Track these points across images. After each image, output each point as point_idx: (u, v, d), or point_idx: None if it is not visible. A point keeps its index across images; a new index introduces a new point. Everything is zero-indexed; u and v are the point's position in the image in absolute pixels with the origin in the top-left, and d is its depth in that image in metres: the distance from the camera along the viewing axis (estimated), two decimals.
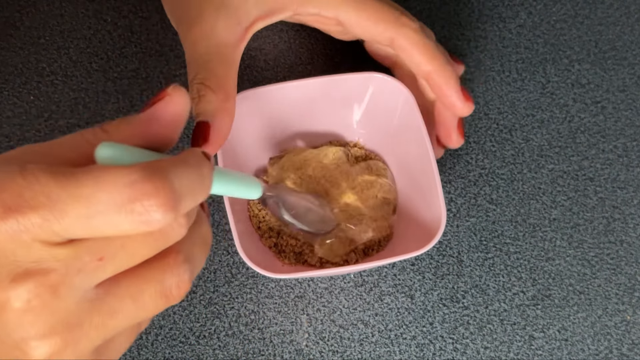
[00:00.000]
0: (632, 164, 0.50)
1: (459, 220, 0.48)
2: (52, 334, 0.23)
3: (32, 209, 0.22)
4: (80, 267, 0.23)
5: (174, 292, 0.26)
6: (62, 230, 0.22)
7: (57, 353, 0.23)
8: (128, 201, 0.22)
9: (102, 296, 0.24)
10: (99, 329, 0.24)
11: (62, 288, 0.23)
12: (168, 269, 0.25)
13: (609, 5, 0.55)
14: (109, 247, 0.24)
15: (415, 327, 0.45)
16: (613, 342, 0.45)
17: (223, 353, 0.44)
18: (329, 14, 0.40)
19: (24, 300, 0.23)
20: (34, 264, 0.23)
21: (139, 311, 0.25)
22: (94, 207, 0.22)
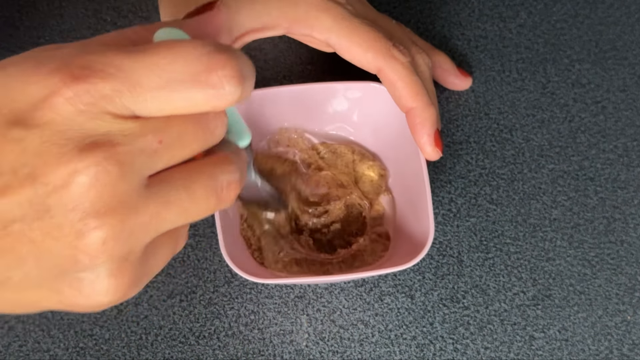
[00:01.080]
0: (633, 164, 0.50)
1: (459, 220, 0.48)
2: (111, 214, 0.22)
3: (102, 79, 0.22)
4: (142, 147, 0.23)
5: (225, 192, 0.25)
6: (132, 103, 0.22)
7: (113, 237, 0.23)
8: (204, 71, 0.22)
9: (157, 184, 0.24)
10: (153, 220, 0.24)
11: (126, 165, 0.22)
12: (219, 165, 0.25)
13: (609, 5, 0.55)
14: (168, 133, 0.23)
15: (415, 328, 0.45)
16: (613, 343, 0.45)
17: (223, 353, 0.44)
18: (321, 36, 0.40)
19: (91, 174, 0.22)
20: (102, 136, 0.22)
21: (191, 206, 0.25)
22: (170, 76, 0.22)
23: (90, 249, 0.23)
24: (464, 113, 0.51)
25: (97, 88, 0.22)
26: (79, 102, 0.22)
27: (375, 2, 0.55)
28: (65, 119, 0.22)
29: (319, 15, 0.40)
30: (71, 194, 0.22)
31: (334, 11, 0.40)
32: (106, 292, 0.24)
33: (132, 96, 0.22)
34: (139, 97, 0.22)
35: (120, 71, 0.22)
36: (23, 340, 0.44)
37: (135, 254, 0.24)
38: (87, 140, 0.22)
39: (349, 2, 0.41)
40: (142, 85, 0.22)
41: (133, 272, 0.24)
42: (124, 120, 0.23)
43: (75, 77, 0.22)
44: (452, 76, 0.50)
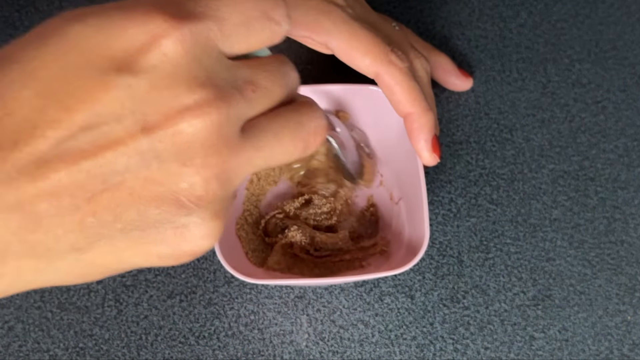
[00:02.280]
0: (633, 164, 0.50)
1: (460, 221, 0.48)
2: (217, 156, 0.22)
3: (199, 19, 0.22)
4: (241, 91, 0.23)
5: (312, 138, 0.26)
6: (223, 42, 0.23)
7: (218, 180, 0.23)
8: (271, 9, 0.24)
9: (249, 131, 0.24)
10: (246, 165, 0.24)
11: (232, 109, 0.23)
12: (305, 111, 0.26)
13: (609, 5, 0.55)
14: (258, 80, 0.24)
15: (415, 328, 0.45)
16: (614, 343, 0.45)
17: (223, 353, 0.44)
18: (320, 39, 0.40)
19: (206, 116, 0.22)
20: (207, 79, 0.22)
21: (279, 150, 0.25)
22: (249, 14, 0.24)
23: (196, 191, 0.22)
24: (464, 113, 0.51)
25: (197, 28, 0.22)
26: (186, 42, 0.22)
27: (375, 2, 0.55)
28: (173, 61, 0.22)
29: (319, 17, 0.40)
30: (183, 136, 0.22)
31: (333, 14, 0.40)
32: (209, 234, 0.24)
33: (222, 34, 0.23)
34: (227, 34, 0.23)
35: (210, 9, 0.23)
36: (23, 340, 0.44)
37: (229, 194, 0.24)
38: (195, 82, 0.22)
39: (349, 4, 0.41)
40: (228, 22, 0.23)
41: (226, 215, 0.24)
42: (220, 61, 0.23)
43: (176, 17, 0.22)
44: (453, 77, 0.50)
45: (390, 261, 0.43)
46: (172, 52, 0.22)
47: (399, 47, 0.42)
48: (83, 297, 0.45)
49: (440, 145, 0.46)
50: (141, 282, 0.46)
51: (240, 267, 0.41)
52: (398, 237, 0.44)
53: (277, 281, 0.41)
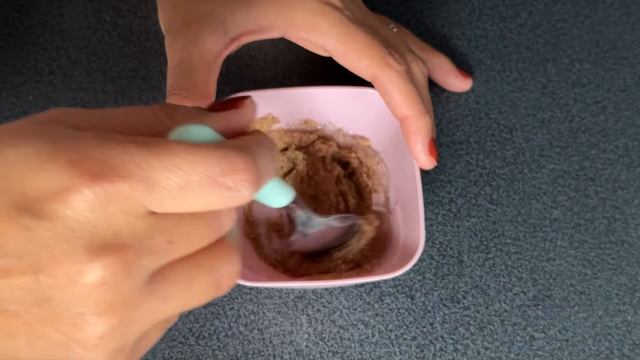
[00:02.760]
0: (633, 164, 0.50)
1: (460, 221, 0.48)
2: (111, 313, 0.22)
3: (121, 178, 0.21)
4: (151, 247, 0.23)
5: (224, 282, 0.25)
6: (149, 202, 0.22)
7: (110, 333, 0.23)
8: (221, 174, 0.22)
9: (159, 280, 0.24)
10: (151, 314, 0.24)
11: (133, 267, 0.22)
12: (222, 257, 0.25)
13: (609, 5, 0.55)
14: (177, 232, 0.23)
15: (415, 328, 0.45)
16: (614, 343, 0.45)
17: (223, 353, 0.44)
18: (318, 41, 0.40)
19: (98, 277, 0.22)
20: (113, 237, 0.22)
21: (190, 299, 0.25)
22: (190, 179, 0.22)
23: (85, 342, 0.23)
24: (464, 113, 0.51)
25: (115, 188, 0.22)
26: (96, 201, 0.21)
27: (375, 2, 0.55)
28: (78, 217, 0.22)
29: (316, 19, 0.40)
30: (75, 291, 0.22)
31: (331, 16, 0.40)
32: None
33: (150, 195, 0.22)
34: (157, 196, 0.22)
35: (140, 169, 0.22)
36: None
37: (128, 344, 0.24)
38: (97, 241, 0.22)
39: (347, 7, 0.41)
40: (160, 185, 0.22)
41: (130, 354, 0.24)
42: (136, 219, 0.22)
43: (94, 176, 0.21)
44: (452, 77, 0.50)
45: (385, 264, 0.43)
46: (78, 208, 0.21)
47: (397, 49, 0.42)
48: None
49: (438, 148, 0.46)
50: None
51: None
52: (394, 240, 0.44)
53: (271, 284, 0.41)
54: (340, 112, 0.47)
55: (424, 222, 0.40)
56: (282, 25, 0.40)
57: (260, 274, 0.43)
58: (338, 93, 0.45)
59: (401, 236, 0.43)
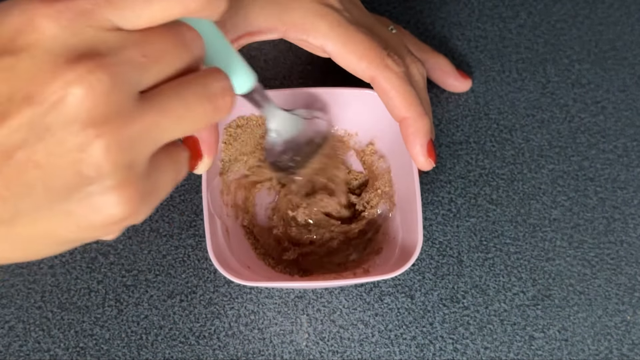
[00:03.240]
0: (633, 164, 0.50)
1: (459, 221, 0.48)
2: (108, 124, 0.23)
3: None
4: (128, 59, 0.24)
5: (219, 99, 0.26)
6: (112, 14, 0.23)
7: (113, 146, 0.23)
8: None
9: (151, 96, 0.24)
10: (152, 128, 0.24)
11: (116, 75, 0.23)
12: (209, 74, 0.26)
13: (609, 5, 0.55)
14: (150, 47, 0.24)
15: (415, 328, 0.45)
16: (613, 343, 0.45)
17: (223, 353, 0.44)
18: (316, 42, 0.40)
19: (84, 84, 0.22)
20: (87, 49, 0.23)
21: (187, 113, 0.25)
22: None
23: (94, 159, 0.23)
24: (463, 113, 0.51)
25: (76, 4, 0.23)
26: (61, 18, 0.23)
27: (375, 2, 0.55)
28: (50, 37, 0.23)
29: (315, 20, 0.40)
30: (68, 106, 0.23)
31: (330, 17, 0.40)
32: (117, 203, 0.24)
33: (110, 7, 0.23)
34: (116, 7, 0.23)
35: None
36: (23, 340, 0.44)
37: (139, 164, 0.25)
38: (74, 54, 0.23)
39: (346, 8, 0.41)
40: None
41: (139, 183, 0.25)
42: (106, 32, 0.23)
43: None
44: (452, 78, 0.50)
45: (383, 265, 0.43)
46: (47, 28, 0.23)
47: (396, 51, 0.42)
48: (83, 297, 0.45)
49: (436, 149, 0.46)
50: (141, 282, 0.46)
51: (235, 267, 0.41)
52: (392, 240, 0.44)
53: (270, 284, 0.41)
54: (340, 113, 0.47)
55: (422, 223, 0.40)
56: (281, 26, 0.41)
57: (260, 274, 0.43)
58: (337, 94, 0.45)
59: (399, 237, 0.44)
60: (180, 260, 0.46)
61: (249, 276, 0.41)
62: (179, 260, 0.46)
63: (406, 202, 0.43)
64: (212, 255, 0.39)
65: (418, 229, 0.40)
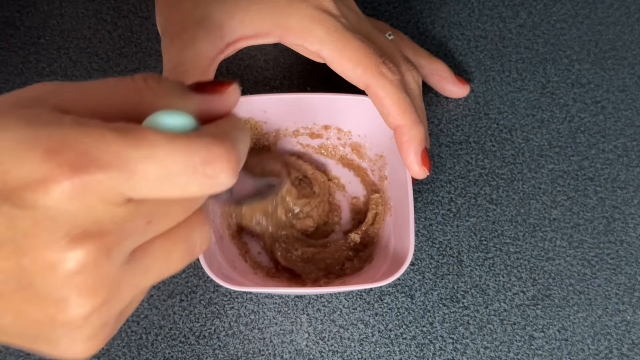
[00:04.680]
0: (632, 164, 0.50)
1: (459, 220, 0.48)
2: (94, 295, 0.23)
3: (100, 169, 0.22)
4: (132, 230, 0.23)
5: (197, 250, 0.26)
6: (128, 190, 0.22)
7: (94, 313, 0.24)
8: (201, 163, 0.23)
9: (139, 258, 0.24)
10: (132, 288, 0.25)
11: (114, 251, 0.23)
12: (196, 227, 0.26)
13: (609, 5, 0.55)
14: (157, 212, 0.24)
15: (415, 327, 0.45)
16: (613, 342, 0.45)
17: (223, 353, 0.44)
18: (312, 48, 0.40)
19: (79, 263, 0.22)
20: (93, 225, 0.23)
21: (167, 269, 0.26)
22: (169, 169, 0.22)
23: (70, 322, 0.24)
24: (463, 113, 0.51)
25: (94, 178, 0.22)
26: (75, 191, 0.22)
27: (375, 2, 0.55)
28: (58, 206, 0.22)
29: (312, 26, 0.40)
30: (57, 277, 0.22)
31: (327, 23, 0.40)
32: (82, 351, 0.25)
33: (128, 184, 0.22)
34: (135, 186, 0.22)
35: (119, 159, 0.22)
36: None
37: (113, 318, 0.25)
38: (77, 230, 0.22)
39: (343, 14, 0.41)
40: (139, 174, 0.22)
41: (108, 332, 0.25)
42: (116, 207, 0.23)
43: (72, 167, 0.22)
44: (450, 84, 0.50)
45: (375, 272, 0.43)
46: (57, 198, 0.22)
47: (391, 58, 0.42)
48: None
49: (430, 158, 0.46)
50: None
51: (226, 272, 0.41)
52: (384, 248, 0.44)
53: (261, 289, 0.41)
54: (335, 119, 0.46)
55: (414, 231, 0.40)
56: (278, 31, 0.41)
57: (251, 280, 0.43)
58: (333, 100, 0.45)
59: (391, 244, 0.43)
60: None
61: (240, 281, 0.41)
62: None
63: (399, 210, 0.43)
64: (203, 260, 0.39)
65: (410, 237, 0.40)
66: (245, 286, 0.40)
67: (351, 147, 0.47)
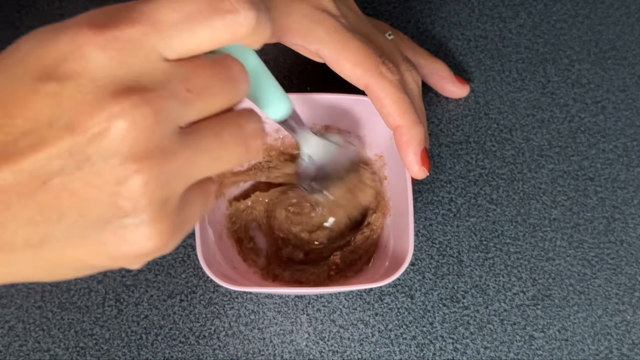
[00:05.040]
0: (632, 164, 0.50)
1: (459, 220, 0.48)
2: (149, 159, 0.23)
3: (128, 25, 0.23)
4: (173, 93, 0.24)
5: (252, 141, 0.27)
6: (159, 43, 0.23)
7: (152, 182, 0.23)
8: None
9: (189, 133, 0.25)
10: (188, 166, 0.25)
11: (160, 110, 0.23)
12: (245, 114, 0.27)
13: (609, 5, 0.55)
14: (196, 82, 0.24)
15: (415, 327, 0.45)
16: (613, 342, 0.45)
17: (223, 353, 0.44)
18: (312, 48, 0.40)
19: (128, 118, 0.22)
20: (134, 82, 0.23)
21: (222, 153, 0.26)
22: (189, 9, 0.23)
23: (131, 194, 0.23)
24: (464, 113, 0.51)
25: (124, 33, 0.23)
26: (109, 48, 0.23)
27: (375, 2, 0.55)
28: (97, 67, 0.23)
29: (312, 26, 0.40)
30: (110, 139, 0.23)
31: (326, 23, 0.40)
32: (149, 236, 0.24)
33: (158, 35, 0.23)
34: (164, 35, 0.23)
35: (143, 14, 0.23)
36: (23, 340, 0.44)
37: (172, 200, 0.25)
38: (120, 86, 0.23)
39: (343, 14, 0.41)
40: (164, 22, 0.23)
41: (172, 218, 0.25)
42: (153, 64, 0.24)
43: (102, 26, 0.23)
44: (450, 84, 0.50)
45: (374, 272, 0.43)
46: (95, 58, 0.23)
47: (391, 58, 0.42)
48: (83, 296, 0.45)
49: (430, 158, 0.46)
50: (142, 282, 0.46)
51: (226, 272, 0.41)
52: (383, 248, 0.44)
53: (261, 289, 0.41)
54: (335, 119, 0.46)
55: (413, 231, 0.40)
56: (277, 30, 0.41)
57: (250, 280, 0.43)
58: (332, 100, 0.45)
59: (391, 244, 0.43)
60: (180, 260, 0.46)
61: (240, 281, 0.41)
62: (179, 260, 0.46)
63: (399, 210, 0.43)
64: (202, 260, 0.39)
65: (409, 238, 0.40)
66: (245, 286, 0.40)
67: None
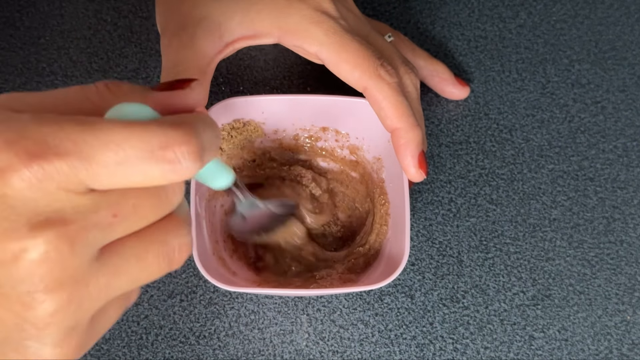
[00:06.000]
0: (632, 164, 0.50)
1: (459, 221, 0.48)
2: (60, 290, 0.22)
3: (58, 156, 0.22)
4: (96, 222, 0.23)
5: (177, 255, 0.26)
6: (88, 178, 0.22)
7: (61, 311, 0.23)
8: (160, 147, 0.22)
9: (108, 256, 0.24)
10: (102, 290, 0.24)
11: (78, 242, 0.22)
12: (171, 230, 0.25)
13: (609, 5, 0.55)
14: (123, 206, 0.23)
15: (415, 327, 0.45)
16: (613, 342, 0.45)
17: (223, 353, 0.44)
18: (311, 49, 0.40)
19: (41, 252, 0.22)
20: (54, 213, 0.22)
21: (142, 273, 0.25)
22: (126, 153, 0.22)
23: (37, 321, 0.23)
24: (463, 113, 0.51)
25: (52, 166, 0.22)
26: (34, 179, 0.22)
27: (375, 2, 0.55)
28: (18, 195, 0.22)
29: (311, 27, 0.40)
30: (20, 269, 0.22)
31: (326, 25, 0.40)
32: (53, 355, 0.24)
33: (88, 172, 0.22)
34: (95, 173, 0.22)
35: (77, 147, 0.22)
36: None
37: (83, 322, 0.24)
38: (39, 218, 0.22)
39: (343, 16, 0.41)
40: (97, 161, 0.22)
41: (79, 339, 0.24)
42: (78, 195, 0.23)
43: (30, 155, 0.22)
44: (450, 85, 0.50)
45: (369, 274, 0.43)
46: (17, 187, 0.22)
47: (390, 61, 0.42)
48: None
49: (427, 161, 0.46)
50: None
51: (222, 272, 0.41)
52: (379, 250, 0.44)
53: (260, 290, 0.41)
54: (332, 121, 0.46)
55: (409, 233, 0.40)
56: (276, 31, 0.41)
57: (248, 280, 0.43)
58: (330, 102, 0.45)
59: (387, 247, 0.43)
60: None
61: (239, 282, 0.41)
62: None
63: (396, 213, 0.43)
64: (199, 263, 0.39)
65: (405, 241, 0.40)
66: (244, 287, 0.40)
67: (349, 149, 0.47)
